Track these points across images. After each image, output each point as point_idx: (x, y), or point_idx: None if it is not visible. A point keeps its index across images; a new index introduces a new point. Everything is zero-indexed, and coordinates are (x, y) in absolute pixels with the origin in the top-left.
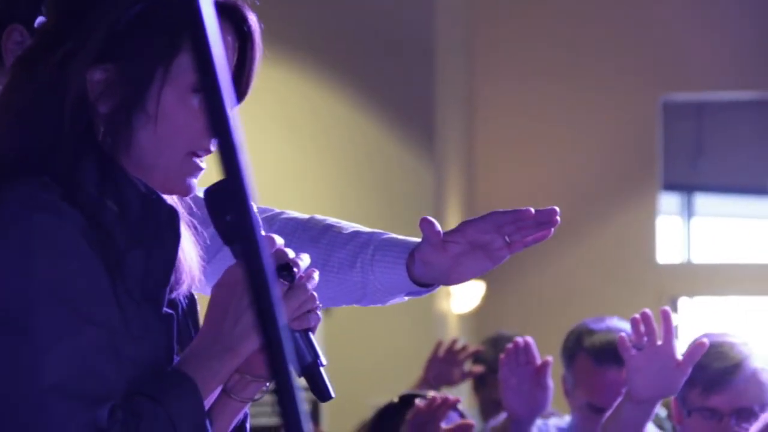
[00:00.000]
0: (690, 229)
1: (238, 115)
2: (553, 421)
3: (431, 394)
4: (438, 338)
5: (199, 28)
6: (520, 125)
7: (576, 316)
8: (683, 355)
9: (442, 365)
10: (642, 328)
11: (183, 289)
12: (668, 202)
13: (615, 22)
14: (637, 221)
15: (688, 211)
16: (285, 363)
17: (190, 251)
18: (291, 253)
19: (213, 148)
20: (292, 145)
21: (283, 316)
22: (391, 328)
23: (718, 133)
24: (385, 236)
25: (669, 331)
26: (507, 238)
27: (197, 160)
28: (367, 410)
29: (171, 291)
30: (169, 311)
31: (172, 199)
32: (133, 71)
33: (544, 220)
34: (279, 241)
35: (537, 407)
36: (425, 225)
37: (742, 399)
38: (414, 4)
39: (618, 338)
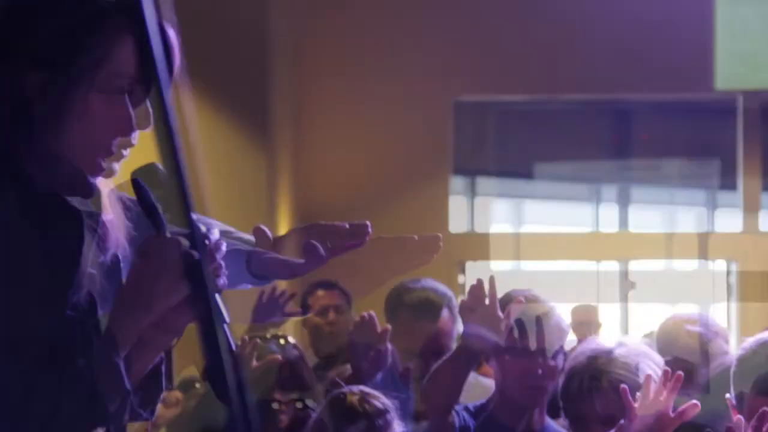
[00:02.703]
0: (474, 206)
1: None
2: None
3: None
4: None
5: (142, 26)
6: (342, 119)
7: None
8: (504, 312)
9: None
10: (476, 292)
11: (110, 253)
12: (457, 183)
13: (421, 25)
14: (433, 198)
15: (473, 191)
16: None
17: (117, 218)
18: (203, 227)
19: (115, 149)
20: None
21: (215, 287)
22: None
23: (500, 131)
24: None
25: (493, 294)
26: (329, 244)
27: (102, 162)
28: None
29: (100, 254)
30: (72, 314)
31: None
32: (64, 77)
33: (357, 232)
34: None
35: (379, 366)
36: (258, 233)
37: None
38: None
39: (460, 302)
